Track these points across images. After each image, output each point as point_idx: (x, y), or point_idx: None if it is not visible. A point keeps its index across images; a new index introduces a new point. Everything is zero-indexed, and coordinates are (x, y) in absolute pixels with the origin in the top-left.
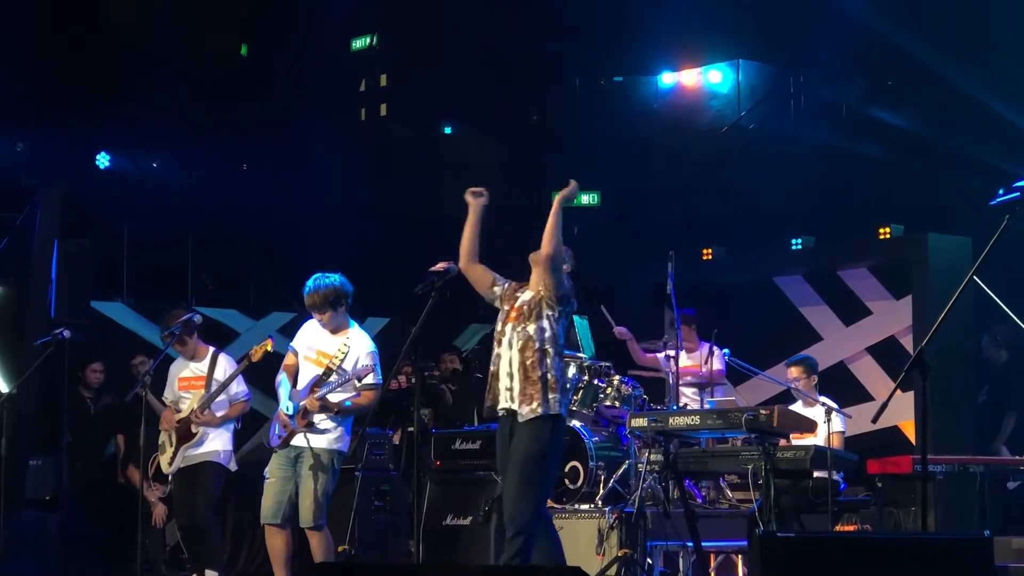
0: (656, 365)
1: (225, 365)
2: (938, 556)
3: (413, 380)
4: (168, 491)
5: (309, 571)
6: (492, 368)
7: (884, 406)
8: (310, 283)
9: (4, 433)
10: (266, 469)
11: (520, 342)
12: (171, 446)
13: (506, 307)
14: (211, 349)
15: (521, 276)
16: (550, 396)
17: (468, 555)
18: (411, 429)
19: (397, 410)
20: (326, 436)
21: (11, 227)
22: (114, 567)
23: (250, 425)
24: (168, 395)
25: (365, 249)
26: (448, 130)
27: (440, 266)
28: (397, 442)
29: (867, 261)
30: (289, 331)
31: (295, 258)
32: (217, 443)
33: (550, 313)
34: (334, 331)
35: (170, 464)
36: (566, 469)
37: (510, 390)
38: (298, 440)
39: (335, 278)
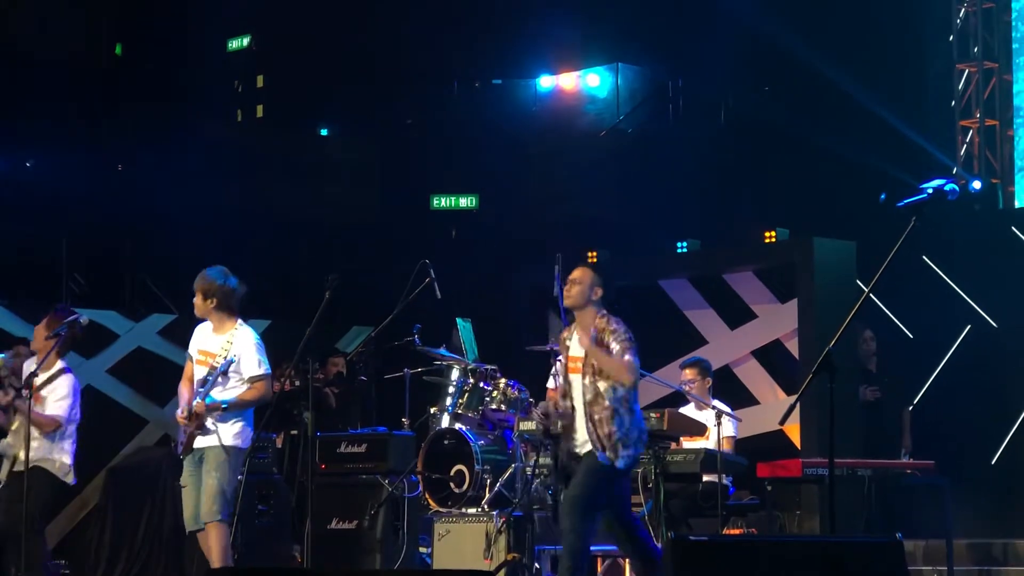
0: None
1: (57, 384)
2: (850, 559)
3: (296, 383)
4: None
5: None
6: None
7: (792, 407)
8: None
9: None
10: (180, 478)
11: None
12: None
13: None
14: (60, 364)
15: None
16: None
17: (354, 559)
18: (294, 432)
19: (280, 413)
20: (224, 433)
21: None
22: None
23: (128, 428)
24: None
25: (242, 250)
26: (324, 132)
27: None
28: (280, 445)
29: (752, 265)
30: (169, 333)
31: (172, 259)
32: (49, 453)
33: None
34: (217, 330)
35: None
36: (451, 472)
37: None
38: (199, 442)
39: (221, 274)
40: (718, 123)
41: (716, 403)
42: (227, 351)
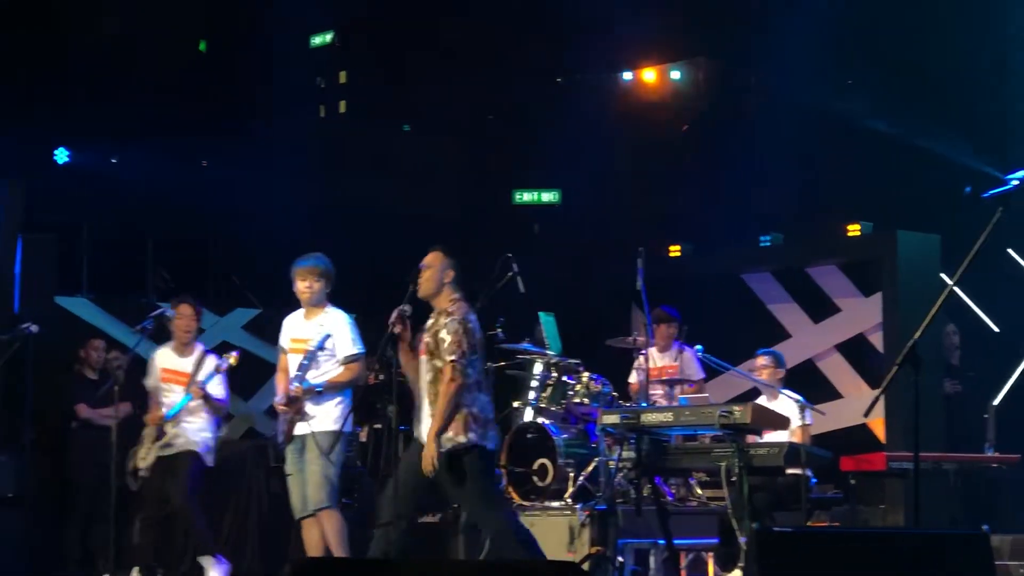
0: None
1: (210, 366)
2: (937, 552)
3: (380, 377)
4: (139, 485)
5: (290, 566)
6: None
7: (876, 399)
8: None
9: None
10: (285, 466)
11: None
12: (150, 442)
13: None
14: (200, 347)
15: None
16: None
17: (437, 552)
18: (378, 426)
19: (364, 407)
20: (322, 419)
21: None
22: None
23: None
24: (149, 382)
25: (326, 245)
26: (407, 127)
27: None
28: (364, 439)
29: (836, 258)
30: (254, 327)
31: (255, 255)
32: (197, 437)
33: None
34: (308, 316)
35: (143, 459)
36: (535, 466)
37: None
38: (299, 429)
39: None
40: (801, 116)
41: (788, 392)
42: (320, 335)
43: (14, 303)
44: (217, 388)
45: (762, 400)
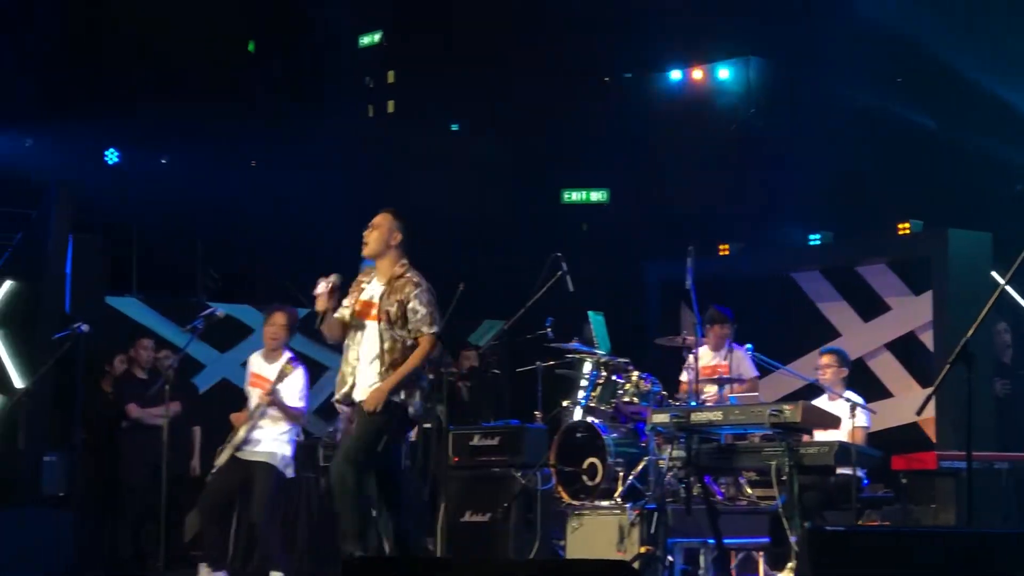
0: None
1: (292, 378)
2: (988, 551)
3: (430, 376)
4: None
5: (345, 564)
6: None
7: (929, 398)
8: None
9: (21, 428)
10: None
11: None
12: (231, 443)
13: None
14: (287, 355)
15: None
16: None
17: (487, 551)
18: (427, 425)
19: None
20: None
21: (25, 222)
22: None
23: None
24: (246, 386)
25: None
26: (456, 127)
27: None
28: (413, 439)
29: (886, 256)
30: (303, 327)
31: (303, 254)
32: (274, 446)
33: None
34: None
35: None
36: (584, 466)
37: None
38: None
39: None
40: (850, 115)
41: (849, 394)
42: None
43: (65, 303)
44: (293, 397)
45: (822, 400)
